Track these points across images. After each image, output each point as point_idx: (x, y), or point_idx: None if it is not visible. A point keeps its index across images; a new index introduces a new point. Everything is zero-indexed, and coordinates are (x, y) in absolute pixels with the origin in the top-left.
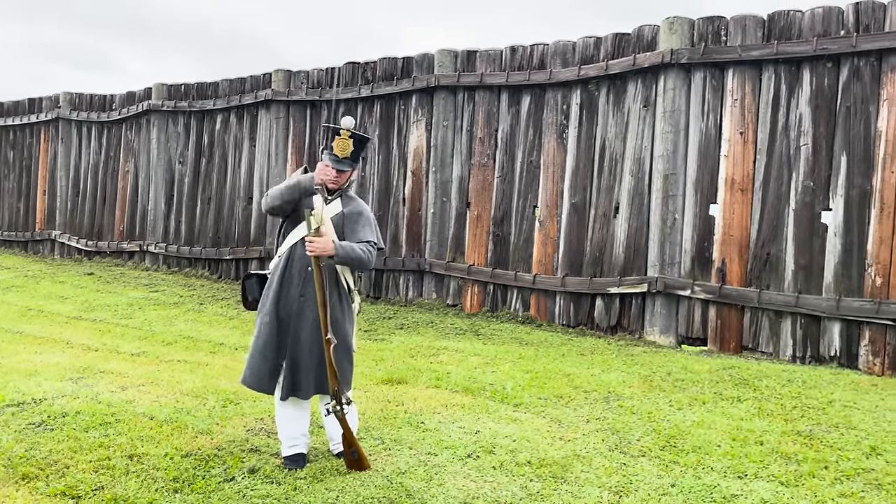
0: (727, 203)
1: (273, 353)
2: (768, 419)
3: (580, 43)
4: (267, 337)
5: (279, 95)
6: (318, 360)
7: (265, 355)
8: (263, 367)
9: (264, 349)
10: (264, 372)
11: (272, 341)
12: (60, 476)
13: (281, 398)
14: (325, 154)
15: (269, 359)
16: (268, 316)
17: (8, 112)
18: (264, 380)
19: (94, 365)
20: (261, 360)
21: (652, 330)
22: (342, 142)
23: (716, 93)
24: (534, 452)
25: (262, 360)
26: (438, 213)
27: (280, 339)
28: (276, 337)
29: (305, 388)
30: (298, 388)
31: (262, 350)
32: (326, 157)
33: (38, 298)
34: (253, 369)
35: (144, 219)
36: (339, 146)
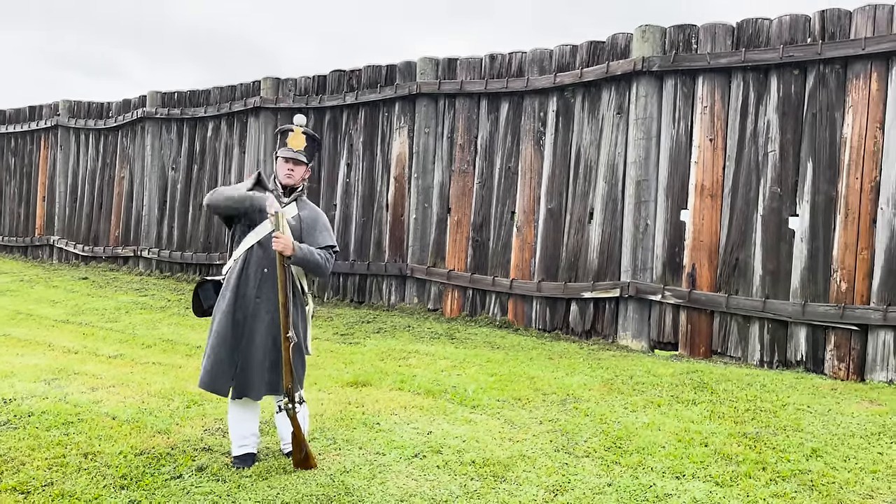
0: (697, 209)
1: (227, 353)
2: (718, 421)
3: (556, 51)
4: (221, 337)
5: (267, 103)
6: (271, 362)
7: (220, 356)
8: (217, 367)
9: (219, 350)
10: (218, 372)
11: (226, 342)
12: (15, 472)
13: (233, 398)
14: (280, 151)
15: (222, 360)
16: (224, 317)
17: (10, 119)
18: (218, 380)
19: (70, 367)
20: (215, 361)
21: (625, 334)
22: (296, 136)
23: (686, 100)
24: (480, 452)
25: (216, 360)
26: (420, 219)
27: (235, 340)
28: (230, 338)
29: (258, 389)
30: (251, 389)
31: (216, 351)
32: (282, 152)
33: (29, 302)
34: (208, 370)
35: (139, 224)
36: (293, 140)
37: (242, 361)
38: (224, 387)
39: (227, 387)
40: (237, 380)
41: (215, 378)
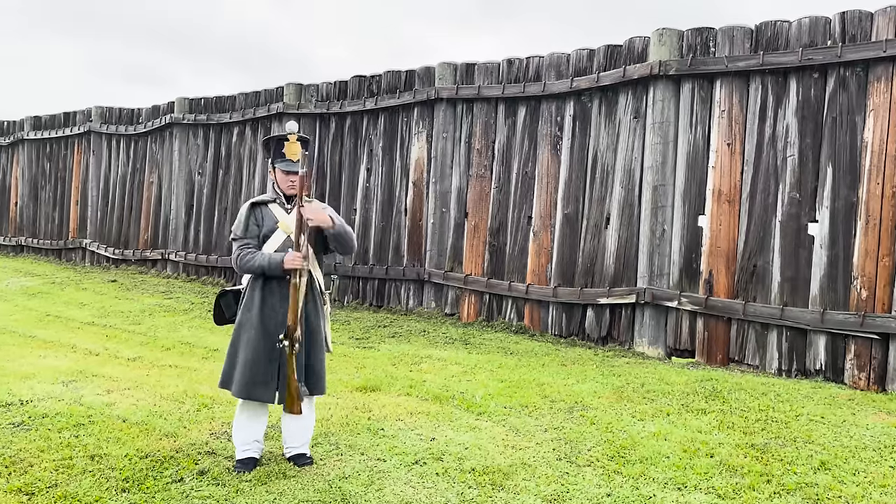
0: (714, 214)
1: (264, 364)
2: (727, 432)
3: (574, 55)
4: (257, 350)
5: (290, 108)
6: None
7: (256, 367)
8: (255, 378)
9: (255, 361)
10: (257, 382)
11: (263, 353)
12: (22, 473)
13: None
14: (279, 163)
15: (260, 371)
16: (254, 330)
17: (46, 125)
18: (257, 389)
19: (89, 369)
20: (251, 373)
21: (641, 341)
22: (292, 146)
23: (704, 104)
24: (481, 460)
25: (252, 372)
26: (438, 224)
27: (268, 349)
28: (265, 349)
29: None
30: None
31: (251, 362)
32: (281, 165)
33: (58, 304)
34: (245, 381)
35: (166, 228)
36: (290, 151)
37: (282, 369)
38: (265, 394)
39: (269, 394)
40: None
41: (254, 388)
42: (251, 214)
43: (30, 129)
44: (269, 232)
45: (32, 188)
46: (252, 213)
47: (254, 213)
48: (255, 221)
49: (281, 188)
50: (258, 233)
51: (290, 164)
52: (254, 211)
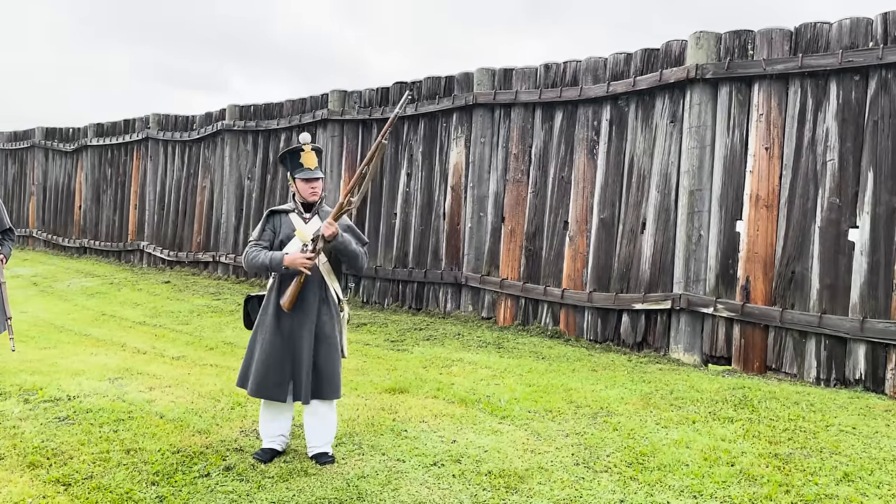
0: (752, 219)
1: (279, 365)
2: (752, 441)
3: (610, 59)
4: (271, 351)
5: (334, 115)
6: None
7: (271, 368)
8: (270, 378)
9: (269, 362)
10: (272, 382)
11: (278, 355)
12: (62, 465)
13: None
14: (298, 173)
15: (275, 372)
16: (269, 333)
17: (107, 132)
18: (272, 389)
19: (135, 367)
20: (265, 373)
21: (676, 348)
22: (308, 155)
23: (742, 107)
24: (498, 463)
25: (267, 372)
26: (475, 228)
27: (282, 352)
28: (281, 350)
29: (305, 394)
30: (302, 394)
31: (266, 363)
32: (301, 174)
33: (114, 304)
34: (258, 381)
35: (217, 231)
36: (307, 160)
37: (295, 371)
38: (278, 394)
39: (283, 394)
40: (293, 388)
41: (268, 386)
42: (269, 221)
43: (93, 135)
44: (286, 239)
45: (95, 192)
46: (270, 219)
47: (272, 220)
48: (271, 228)
49: (303, 196)
50: (272, 238)
51: (310, 171)
52: (272, 218)
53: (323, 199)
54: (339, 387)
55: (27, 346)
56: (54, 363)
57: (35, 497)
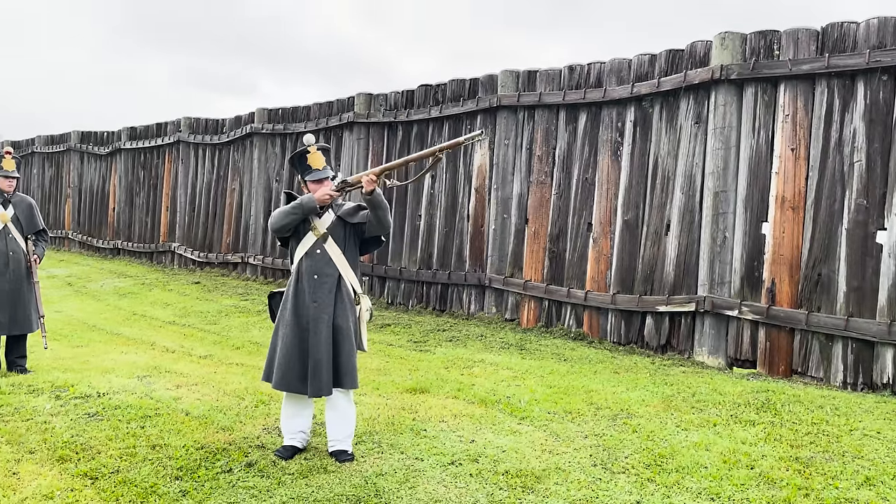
0: (778, 221)
1: (298, 358)
2: (773, 444)
3: (635, 60)
4: (291, 345)
5: (360, 118)
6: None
7: (291, 361)
8: (291, 371)
9: (290, 355)
10: (293, 376)
11: (297, 348)
12: (90, 459)
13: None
14: (308, 175)
15: (295, 364)
16: (288, 327)
17: (140, 136)
18: (294, 382)
19: (164, 365)
20: (287, 366)
21: (701, 350)
22: (314, 156)
23: (767, 108)
24: (515, 463)
25: (289, 365)
26: (499, 230)
27: (302, 346)
28: (299, 344)
29: (326, 387)
30: (322, 388)
31: (287, 356)
32: (310, 176)
33: (145, 304)
34: (283, 374)
35: (246, 233)
36: (314, 161)
37: (314, 364)
38: (300, 387)
39: (302, 387)
40: (311, 381)
41: (290, 381)
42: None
43: (126, 139)
44: (302, 234)
45: (128, 195)
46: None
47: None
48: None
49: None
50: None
51: (318, 173)
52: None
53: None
54: (356, 377)
55: (60, 345)
56: (86, 361)
57: (63, 490)
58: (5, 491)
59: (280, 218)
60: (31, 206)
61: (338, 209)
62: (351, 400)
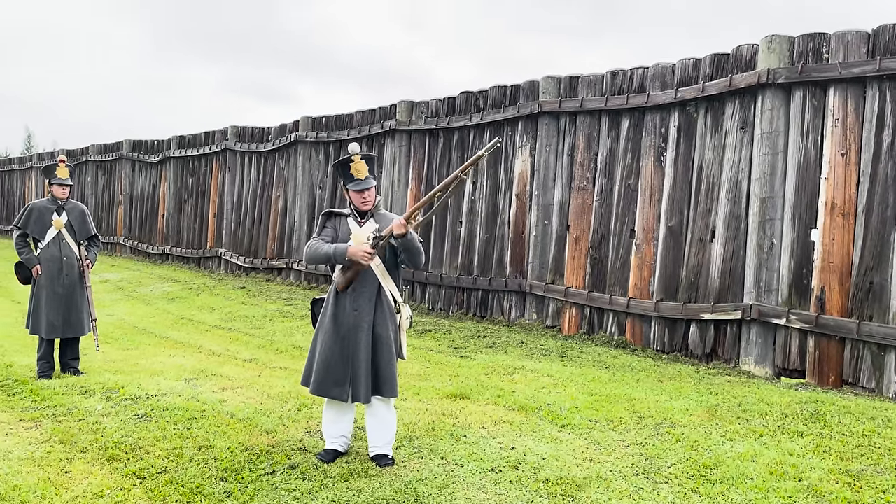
0: (827, 228)
1: (337, 365)
2: (822, 456)
3: (679, 65)
4: (329, 351)
5: (402, 125)
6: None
7: (329, 367)
8: (328, 377)
9: (328, 361)
10: (330, 382)
11: (336, 354)
12: (139, 460)
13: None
14: (350, 184)
15: (334, 371)
16: (328, 333)
17: (189, 144)
18: (331, 388)
19: (210, 368)
20: (325, 372)
21: (747, 359)
22: (357, 165)
23: (816, 113)
24: (556, 471)
25: (327, 371)
26: (540, 236)
27: (341, 352)
28: (339, 351)
29: (364, 394)
30: (360, 395)
31: (326, 363)
32: (352, 185)
33: (192, 308)
34: (320, 381)
35: (290, 239)
36: (356, 170)
37: (353, 370)
38: (340, 393)
39: (343, 393)
40: (352, 388)
41: (327, 387)
42: (328, 219)
43: (176, 147)
44: (342, 241)
45: (177, 201)
46: (329, 219)
47: (331, 219)
48: (332, 226)
49: (356, 205)
50: (333, 236)
51: (360, 182)
52: (331, 218)
53: (378, 203)
54: (396, 385)
55: (111, 347)
56: (136, 363)
57: (113, 489)
58: (58, 489)
59: (313, 257)
60: (84, 212)
61: (380, 219)
62: (391, 407)
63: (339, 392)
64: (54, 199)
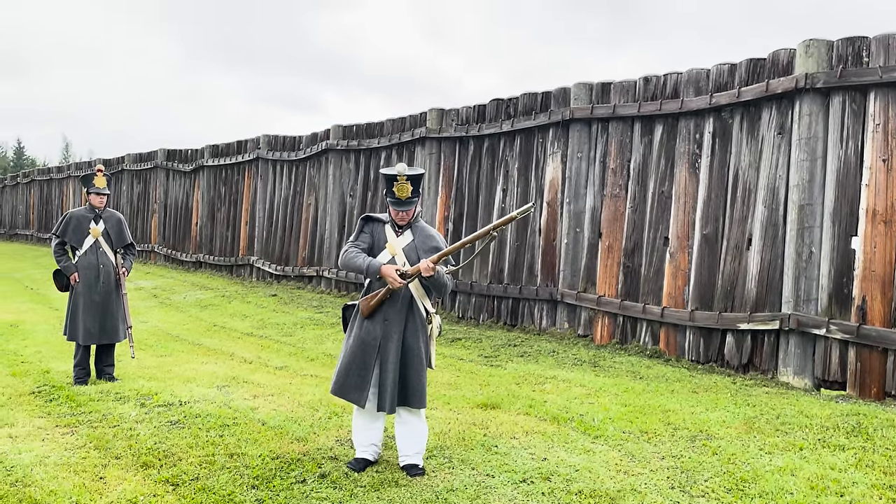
0: (869, 236)
1: (358, 370)
2: (865, 471)
3: (714, 70)
4: (352, 357)
5: (432, 133)
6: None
7: (352, 371)
8: (348, 381)
9: (350, 366)
10: (350, 385)
11: (359, 359)
12: (172, 466)
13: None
14: (390, 200)
15: (353, 375)
16: (353, 340)
17: (222, 153)
18: (350, 391)
19: (241, 376)
20: (345, 376)
21: (785, 370)
22: (401, 186)
23: (856, 117)
24: (589, 483)
25: (347, 375)
26: (571, 244)
27: (365, 359)
28: (361, 358)
29: (390, 404)
30: (386, 404)
31: (348, 366)
32: (392, 203)
33: (225, 316)
34: (339, 382)
35: (321, 247)
36: (399, 190)
37: (381, 380)
38: (356, 398)
39: (356, 397)
40: (379, 396)
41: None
42: (366, 225)
43: (209, 156)
44: (376, 253)
45: (210, 210)
46: (367, 224)
47: (369, 225)
48: (368, 232)
49: (394, 219)
50: (370, 242)
51: (400, 203)
52: (369, 223)
53: (418, 214)
54: (425, 397)
55: (146, 354)
56: (169, 370)
57: (146, 495)
58: (92, 495)
59: (348, 266)
60: (120, 221)
61: (416, 231)
62: (422, 416)
63: (357, 397)
64: (92, 208)
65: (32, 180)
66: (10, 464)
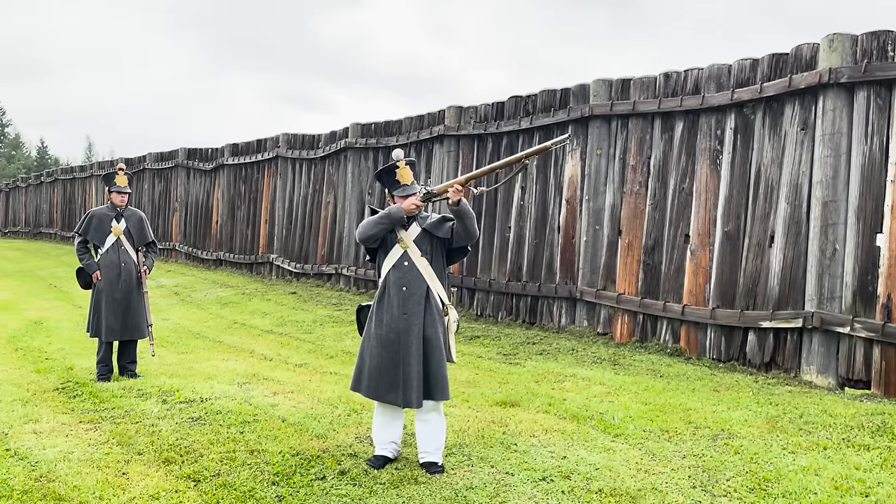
0: (894, 233)
1: (389, 370)
2: (890, 471)
3: (735, 65)
4: (380, 357)
5: (450, 130)
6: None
7: (382, 371)
8: (382, 382)
9: (381, 366)
10: (384, 386)
11: (387, 360)
12: (193, 462)
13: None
14: (396, 190)
15: (387, 375)
16: (378, 338)
17: (241, 152)
18: (386, 393)
19: (261, 372)
20: (378, 376)
21: (809, 369)
22: (403, 171)
23: (881, 113)
24: (609, 482)
25: (380, 376)
26: (591, 241)
27: (392, 357)
28: (389, 356)
29: (417, 399)
30: (412, 399)
31: (379, 368)
32: (398, 192)
33: (245, 313)
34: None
35: (340, 245)
36: (402, 176)
37: (405, 375)
38: (394, 397)
39: (397, 397)
40: (403, 392)
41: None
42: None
43: (229, 154)
44: (389, 246)
45: (230, 208)
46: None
47: None
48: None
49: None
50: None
51: (406, 188)
52: None
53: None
54: (448, 388)
55: (167, 351)
56: (190, 367)
57: (168, 491)
58: (115, 490)
59: (368, 227)
60: (141, 219)
61: (423, 221)
62: (441, 412)
63: (393, 397)
64: (113, 207)
65: (56, 179)
66: (35, 459)
